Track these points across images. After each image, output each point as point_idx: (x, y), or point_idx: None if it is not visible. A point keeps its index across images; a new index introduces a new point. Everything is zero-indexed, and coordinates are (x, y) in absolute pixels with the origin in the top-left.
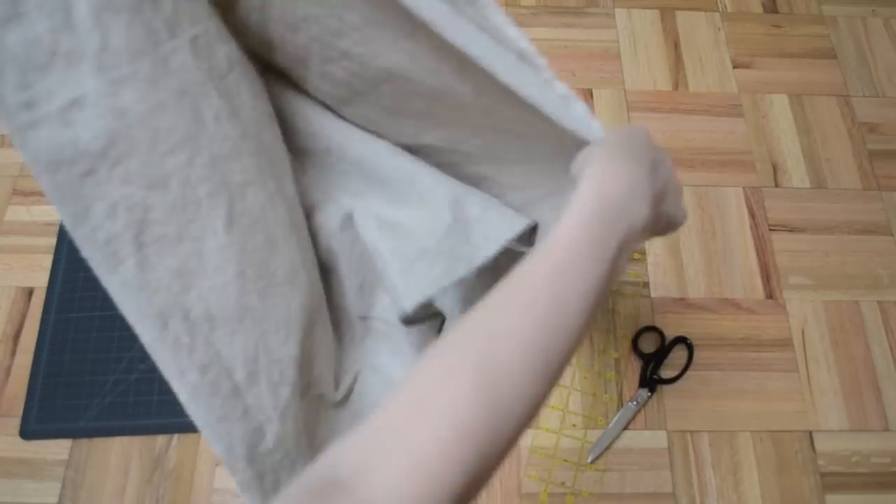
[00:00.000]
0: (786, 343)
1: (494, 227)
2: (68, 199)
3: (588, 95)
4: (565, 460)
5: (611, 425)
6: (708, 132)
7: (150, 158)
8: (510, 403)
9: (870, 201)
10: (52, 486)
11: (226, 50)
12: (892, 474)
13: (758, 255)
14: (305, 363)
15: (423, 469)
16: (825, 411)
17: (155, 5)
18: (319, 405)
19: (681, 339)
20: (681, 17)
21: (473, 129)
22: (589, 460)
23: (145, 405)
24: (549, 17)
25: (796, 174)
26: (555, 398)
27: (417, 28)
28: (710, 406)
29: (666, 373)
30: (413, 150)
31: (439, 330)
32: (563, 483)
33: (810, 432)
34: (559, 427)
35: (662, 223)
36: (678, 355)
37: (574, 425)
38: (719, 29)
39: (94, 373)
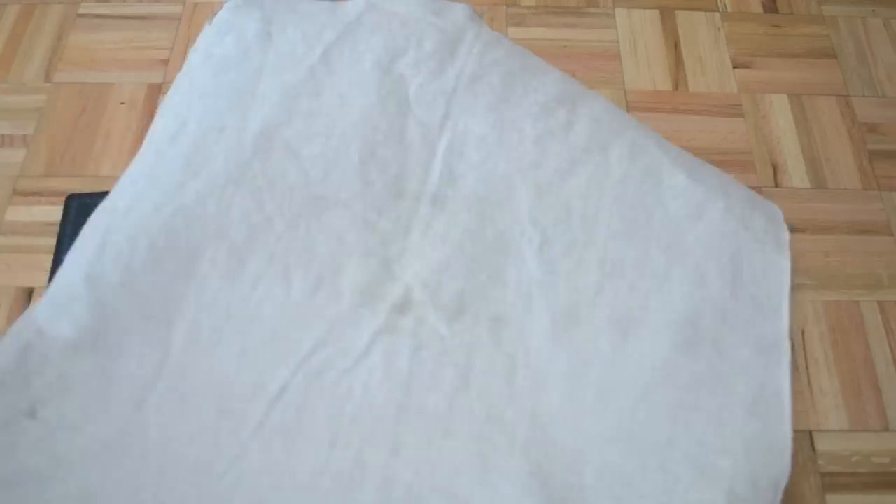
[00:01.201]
0: None
1: None
2: None
3: None
4: None
5: None
6: (708, 132)
7: None
8: None
9: (870, 201)
10: None
11: None
12: (892, 474)
13: None
14: None
15: None
16: (825, 411)
17: None
18: None
19: None
20: (681, 17)
21: None
22: None
23: None
24: (549, 17)
25: (796, 174)
26: None
27: None
28: None
29: None
30: None
31: None
32: None
33: (810, 432)
34: None
35: None
36: None
37: None
38: (719, 29)
39: None
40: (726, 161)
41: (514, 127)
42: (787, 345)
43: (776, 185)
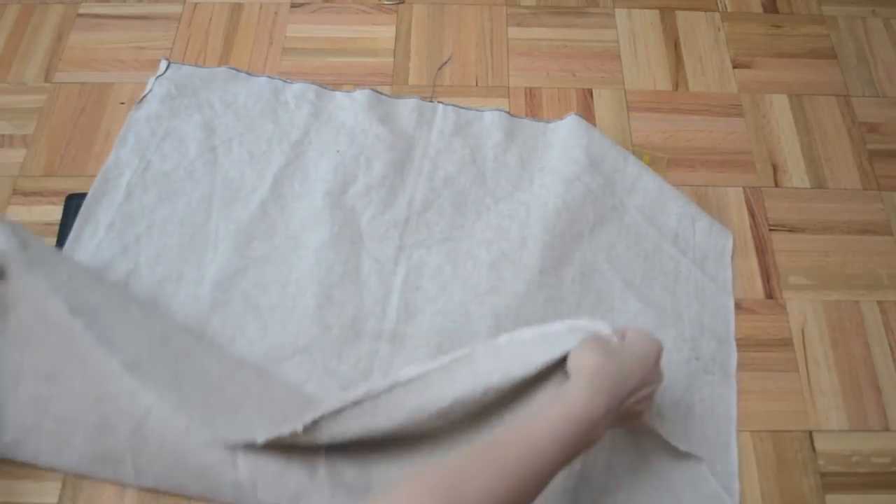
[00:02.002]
0: (786, 343)
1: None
2: None
3: (588, 95)
4: None
5: None
6: (708, 132)
7: None
8: None
9: (870, 201)
10: (52, 486)
11: None
12: (892, 474)
13: (758, 255)
14: None
15: None
16: (825, 411)
17: None
18: None
19: None
20: (681, 17)
21: None
22: None
23: None
24: (549, 17)
25: (796, 174)
26: None
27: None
28: None
29: None
30: None
31: None
32: None
33: (810, 432)
34: None
35: (626, 425)
36: None
37: None
38: (719, 29)
39: None
40: (726, 161)
41: (468, 255)
42: (736, 484)
43: (776, 185)
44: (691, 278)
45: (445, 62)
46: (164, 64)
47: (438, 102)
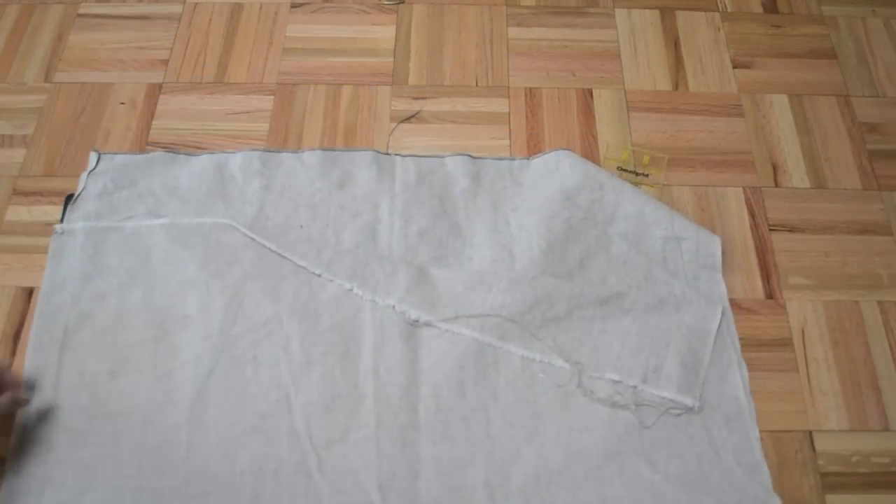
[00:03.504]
0: (786, 343)
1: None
2: None
3: (588, 95)
4: None
5: None
6: (708, 132)
7: None
8: None
9: (870, 201)
10: None
11: None
12: (892, 474)
13: (758, 255)
14: None
15: None
16: (825, 411)
17: None
18: None
19: None
20: (681, 17)
21: None
22: None
23: None
24: (549, 17)
25: (796, 174)
26: None
27: None
28: None
29: None
30: None
31: None
32: None
33: (810, 432)
34: None
35: None
36: None
37: None
38: (719, 29)
39: None
40: (726, 161)
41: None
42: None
43: (776, 185)
44: (686, 301)
45: (412, 116)
46: (93, 157)
47: (395, 155)
